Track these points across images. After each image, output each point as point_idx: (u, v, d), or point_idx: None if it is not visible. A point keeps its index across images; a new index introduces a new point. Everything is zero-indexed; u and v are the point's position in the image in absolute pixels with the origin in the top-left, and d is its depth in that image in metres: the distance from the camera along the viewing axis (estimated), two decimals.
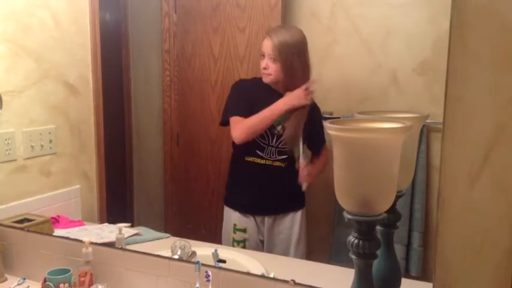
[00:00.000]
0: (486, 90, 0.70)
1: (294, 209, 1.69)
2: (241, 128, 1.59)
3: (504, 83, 0.69)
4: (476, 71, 0.70)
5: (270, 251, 1.68)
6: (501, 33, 0.68)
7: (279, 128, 1.62)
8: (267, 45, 1.57)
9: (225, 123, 1.65)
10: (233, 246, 1.68)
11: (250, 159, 1.65)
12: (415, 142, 1.02)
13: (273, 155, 1.64)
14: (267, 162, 1.64)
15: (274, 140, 1.62)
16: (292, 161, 1.64)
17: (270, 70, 1.58)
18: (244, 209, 1.69)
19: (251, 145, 1.63)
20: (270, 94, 1.60)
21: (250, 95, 1.66)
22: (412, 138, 0.99)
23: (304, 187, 1.58)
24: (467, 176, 0.73)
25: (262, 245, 1.69)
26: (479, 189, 0.72)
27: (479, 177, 0.72)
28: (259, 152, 1.64)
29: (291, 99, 1.55)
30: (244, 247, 1.67)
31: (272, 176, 1.65)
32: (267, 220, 1.68)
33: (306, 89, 1.53)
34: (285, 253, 1.67)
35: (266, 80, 1.61)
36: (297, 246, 1.67)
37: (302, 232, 1.68)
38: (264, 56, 1.59)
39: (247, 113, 1.59)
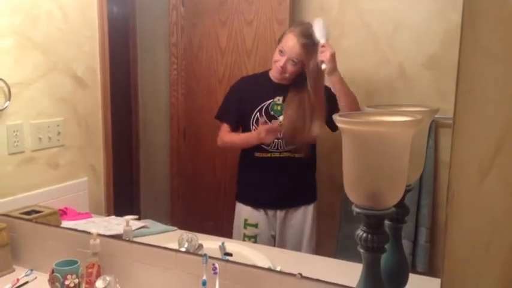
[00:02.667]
0: (497, 83, 0.69)
1: (306, 202, 1.68)
2: (222, 141, 1.71)
3: None
4: (488, 64, 0.70)
5: (282, 245, 1.67)
6: None
7: (282, 118, 1.61)
8: (292, 46, 1.54)
9: (219, 118, 1.72)
10: (244, 241, 1.66)
11: (258, 153, 1.65)
12: (424, 136, 1.01)
13: (280, 147, 1.63)
14: (274, 155, 1.63)
15: (280, 132, 1.62)
16: (301, 151, 1.63)
17: (286, 70, 1.57)
18: (255, 202, 1.68)
19: None
20: (271, 87, 1.62)
21: (247, 95, 1.67)
22: (422, 132, 0.98)
23: (324, 66, 1.49)
24: (477, 170, 0.72)
25: (274, 240, 1.68)
26: (489, 183, 0.71)
27: (489, 171, 0.71)
28: (265, 146, 1.63)
29: (260, 139, 1.61)
30: (255, 242, 1.66)
31: (281, 167, 1.64)
32: (279, 214, 1.67)
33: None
34: (297, 248, 1.66)
35: (276, 74, 1.60)
36: (309, 241, 1.66)
37: (314, 226, 1.67)
38: (282, 53, 1.56)
39: (236, 121, 1.68)
